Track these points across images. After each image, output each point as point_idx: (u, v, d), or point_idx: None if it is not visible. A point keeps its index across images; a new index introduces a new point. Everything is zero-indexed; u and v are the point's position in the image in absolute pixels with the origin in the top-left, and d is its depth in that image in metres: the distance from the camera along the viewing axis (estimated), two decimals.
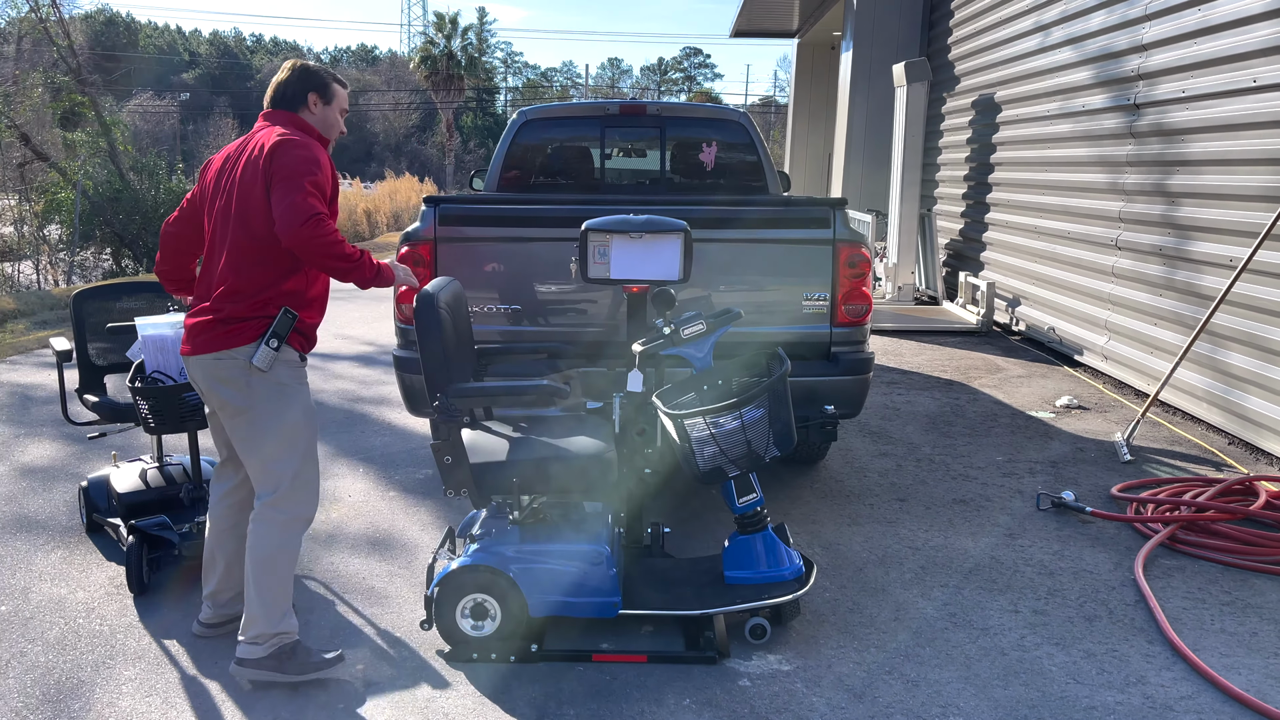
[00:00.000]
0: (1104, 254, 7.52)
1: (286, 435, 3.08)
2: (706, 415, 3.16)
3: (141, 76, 59.09)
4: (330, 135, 3.27)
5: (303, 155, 3.00)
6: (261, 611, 3.01)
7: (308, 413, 3.14)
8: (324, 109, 3.23)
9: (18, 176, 17.69)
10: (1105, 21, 7.63)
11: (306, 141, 3.07)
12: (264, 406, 3.04)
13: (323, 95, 3.22)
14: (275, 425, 3.06)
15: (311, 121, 3.22)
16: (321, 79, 3.24)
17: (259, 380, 3.02)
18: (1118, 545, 4.21)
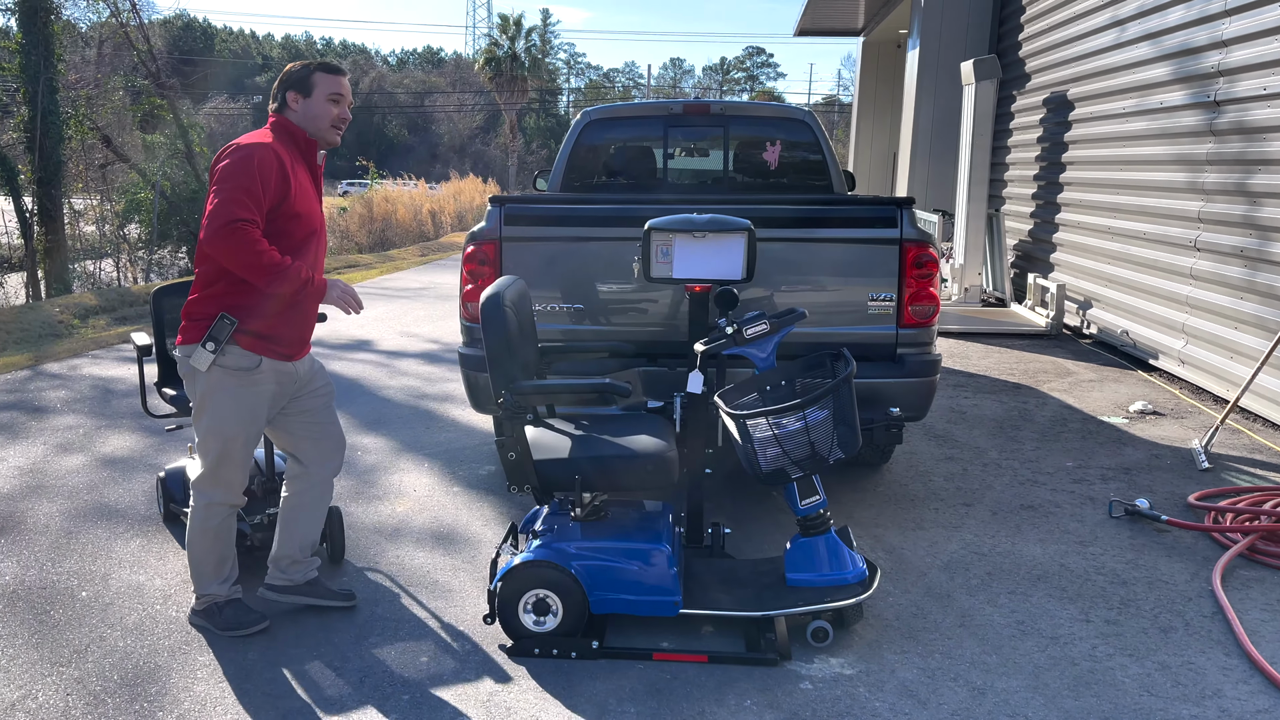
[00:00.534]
0: (1182, 255, 7.31)
1: (207, 431, 3.24)
2: (769, 416, 3.14)
3: (217, 80, 60.66)
4: (316, 127, 3.26)
5: (232, 162, 3.04)
6: (194, 575, 3.39)
7: (230, 421, 3.22)
8: (305, 103, 3.24)
9: (100, 177, 18.28)
10: (1184, 17, 7.41)
11: (245, 147, 3.08)
12: (196, 402, 3.25)
13: (301, 90, 3.24)
14: (201, 420, 3.25)
15: (295, 120, 3.25)
16: (297, 75, 3.25)
17: (198, 378, 3.20)
18: (1195, 555, 4.09)
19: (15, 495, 4.74)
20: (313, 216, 3.28)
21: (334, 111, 3.28)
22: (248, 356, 3.19)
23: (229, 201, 2.98)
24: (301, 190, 3.21)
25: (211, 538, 3.34)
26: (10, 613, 3.51)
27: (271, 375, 3.27)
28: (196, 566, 3.37)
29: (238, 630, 3.35)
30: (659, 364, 4.27)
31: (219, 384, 3.19)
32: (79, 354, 8.44)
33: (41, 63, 14.12)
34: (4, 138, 15.13)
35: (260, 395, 3.26)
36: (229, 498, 3.34)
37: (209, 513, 3.32)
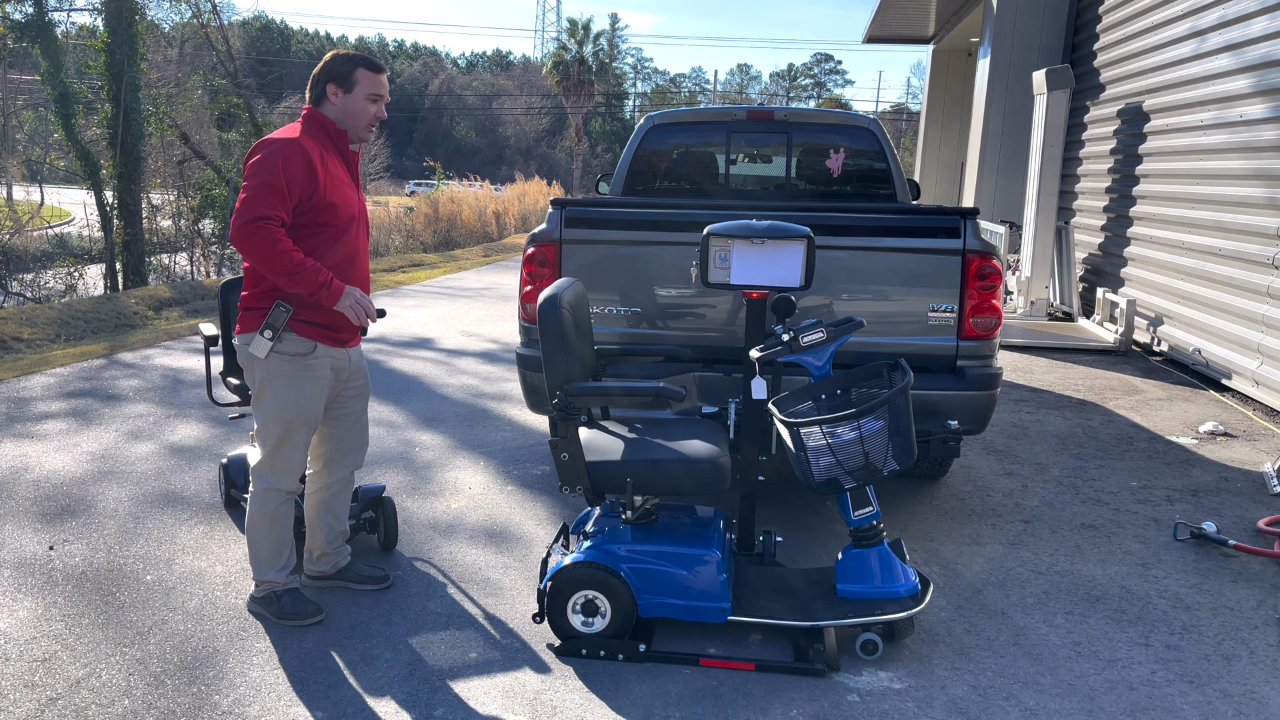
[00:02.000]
0: (1259, 273, 7.09)
1: (265, 417, 3.33)
2: (823, 425, 3.12)
3: (291, 80, 62.02)
4: (352, 124, 3.30)
5: (259, 159, 3.09)
6: (252, 563, 3.47)
7: (289, 405, 3.29)
8: (344, 99, 3.25)
9: (177, 173, 18.81)
10: (1268, 28, 7.19)
11: (272, 144, 3.13)
12: (255, 388, 3.33)
13: (342, 85, 3.25)
14: (261, 406, 3.33)
15: (330, 114, 3.28)
16: (340, 68, 3.26)
17: (256, 365, 3.28)
18: (1263, 582, 3.96)
19: (87, 479, 4.90)
20: (349, 204, 3.32)
21: (371, 110, 3.31)
22: (303, 342, 3.28)
23: (253, 199, 3.05)
24: (334, 180, 3.24)
25: (269, 523, 3.42)
26: (79, 593, 3.63)
27: (327, 361, 3.36)
28: (255, 553, 3.45)
29: (294, 620, 3.42)
30: (714, 369, 4.26)
31: (277, 370, 3.27)
32: (152, 344, 8.70)
33: (125, 61, 14.58)
34: (88, 133, 15.65)
35: (317, 380, 3.34)
36: (287, 484, 3.41)
37: (266, 498, 3.40)
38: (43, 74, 14.72)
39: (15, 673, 3.07)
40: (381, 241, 22.97)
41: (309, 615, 3.44)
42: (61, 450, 5.37)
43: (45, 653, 3.20)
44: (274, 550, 3.45)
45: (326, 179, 3.20)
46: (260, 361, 3.27)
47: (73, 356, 7.99)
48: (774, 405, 3.36)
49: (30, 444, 5.48)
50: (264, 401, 3.32)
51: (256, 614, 3.49)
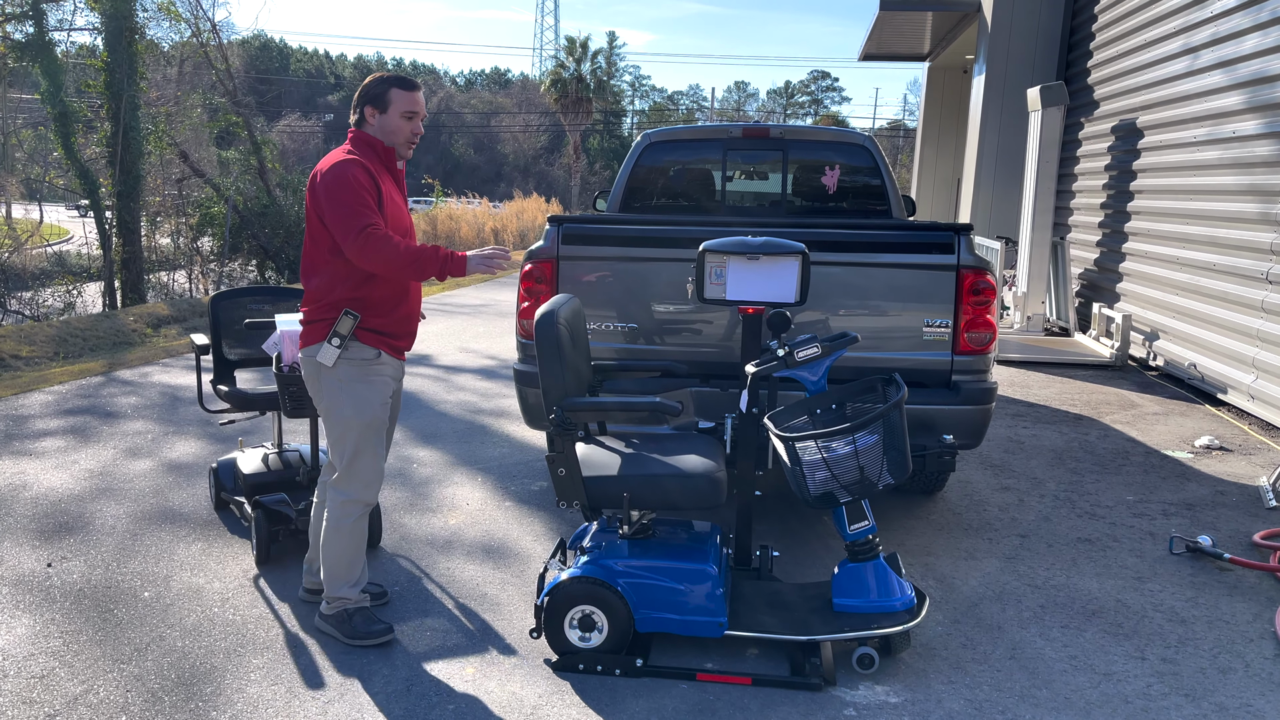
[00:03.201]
0: (1253, 288, 7.12)
1: (341, 427, 3.36)
2: (818, 439, 3.13)
3: (290, 98, 62.34)
4: (394, 141, 3.36)
5: (330, 182, 3.18)
6: (327, 579, 3.45)
7: (364, 409, 3.33)
8: (381, 119, 3.33)
9: (176, 191, 18.89)
10: (1259, 45, 7.26)
11: (335, 166, 3.21)
12: (328, 399, 3.35)
13: (376, 105, 3.33)
14: (334, 417, 3.36)
15: (372, 133, 3.35)
16: (374, 90, 3.33)
17: (324, 375, 3.33)
18: (1258, 596, 3.97)
19: (85, 497, 4.91)
20: (400, 219, 3.39)
21: (408, 127, 3.37)
22: (369, 349, 3.33)
23: (349, 214, 3.14)
24: (388, 198, 3.32)
25: (345, 536, 3.40)
26: (77, 610, 3.64)
27: (389, 368, 3.42)
28: (330, 569, 3.42)
29: (365, 640, 3.38)
30: (711, 385, 4.28)
31: (348, 377, 3.32)
32: (150, 361, 8.71)
33: (125, 80, 14.66)
34: (87, 152, 15.72)
35: (383, 387, 3.39)
36: (366, 495, 3.42)
37: (344, 510, 3.40)
38: (42, 93, 14.80)
39: (13, 689, 3.07)
40: None
41: (380, 634, 3.39)
42: (60, 467, 5.38)
43: (43, 669, 3.20)
44: (349, 565, 3.43)
45: (385, 196, 3.29)
46: (328, 371, 3.31)
47: (71, 374, 8.00)
48: (769, 420, 3.38)
49: (28, 461, 5.49)
50: (336, 411, 3.35)
51: (325, 633, 3.46)
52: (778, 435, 3.23)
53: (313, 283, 3.34)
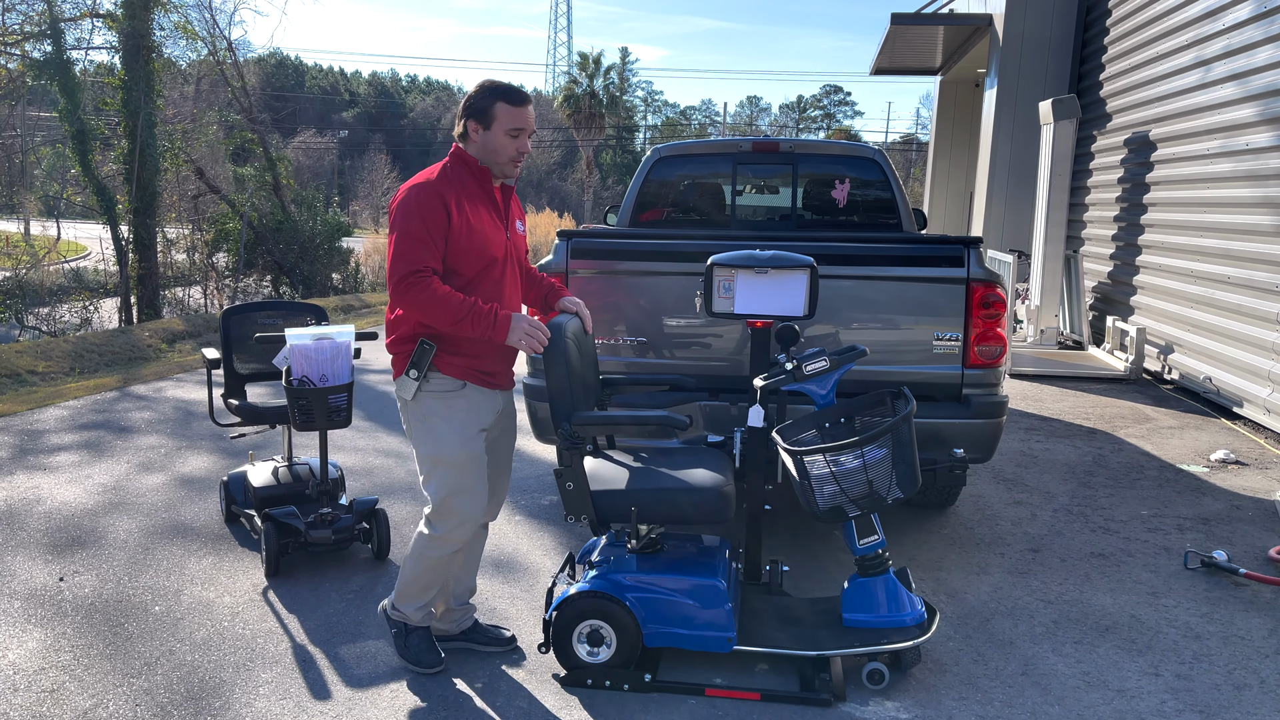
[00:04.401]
0: (1268, 300, 7.07)
1: (426, 463, 3.19)
2: (827, 453, 3.12)
3: (305, 115, 62.81)
4: (494, 160, 3.13)
5: (401, 207, 3.03)
6: (399, 587, 3.35)
7: (446, 444, 3.14)
8: (484, 135, 3.10)
9: (192, 207, 19.04)
10: (1272, 57, 7.23)
11: (411, 190, 3.04)
12: (414, 433, 3.22)
13: (480, 120, 3.09)
14: (421, 452, 3.20)
15: (472, 152, 3.13)
16: (478, 103, 3.09)
17: (408, 408, 3.19)
18: (1274, 611, 3.93)
19: (98, 511, 4.93)
20: (489, 247, 3.13)
21: (513, 146, 3.13)
22: (451, 381, 3.14)
23: (401, 255, 2.97)
24: (472, 224, 3.08)
25: (425, 568, 3.26)
26: (88, 624, 3.65)
27: (479, 399, 3.20)
28: (405, 585, 3.32)
29: (416, 667, 3.31)
30: (720, 399, 4.27)
31: (429, 410, 3.15)
32: (164, 377, 8.77)
33: (142, 98, 14.80)
34: (104, 169, 15.87)
35: (472, 418, 3.17)
36: (458, 534, 3.21)
37: (430, 544, 3.23)
38: (60, 111, 14.96)
39: (24, 703, 3.08)
40: None
41: (432, 664, 3.31)
42: (73, 482, 5.41)
43: (54, 683, 3.21)
44: (420, 589, 3.31)
45: (462, 223, 3.05)
46: (410, 404, 3.16)
47: (86, 389, 8.06)
48: (777, 434, 3.37)
49: (42, 476, 5.52)
50: (419, 447, 3.20)
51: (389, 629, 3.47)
52: (785, 449, 3.22)
53: (392, 315, 3.17)
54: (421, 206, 3.00)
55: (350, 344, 4.03)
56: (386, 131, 69.08)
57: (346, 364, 4.01)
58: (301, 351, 3.90)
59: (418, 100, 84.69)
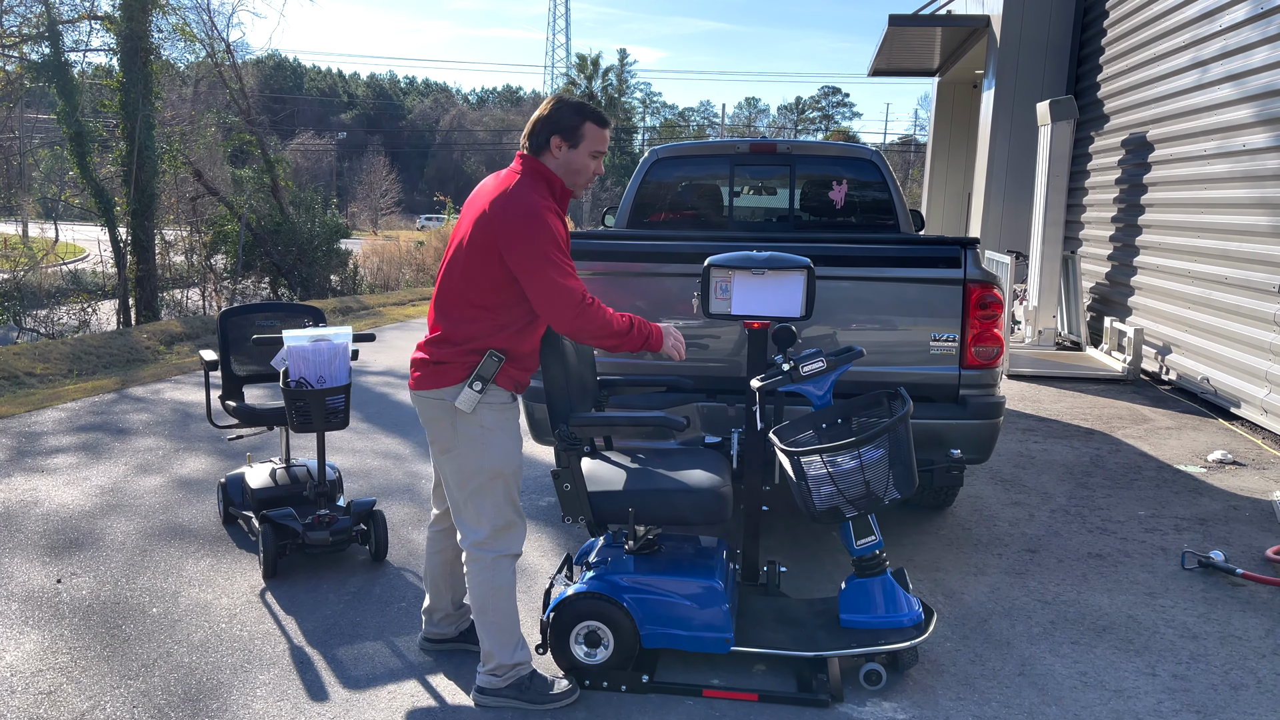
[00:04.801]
0: (1265, 301, 7.08)
1: (483, 477, 3.06)
2: (824, 453, 3.12)
3: (304, 117, 62.82)
4: (574, 181, 3.08)
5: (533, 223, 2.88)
6: (494, 647, 3.11)
7: (510, 456, 3.09)
8: (568, 153, 3.03)
9: (190, 209, 19.03)
10: (1269, 58, 7.24)
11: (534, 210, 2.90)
12: (468, 446, 3.04)
13: (568, 139, 3.01)
14: (473, 467, 3.05)
15: (553, 167, 3.04)
16: (567, 120, 3.02)
17: (462, 423, 3.02)
18: (1271, 611, 3.93)
19: (96, 513, 4.93)
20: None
21: (592, 166, 3.10)
22: (504, 392, 3.08)
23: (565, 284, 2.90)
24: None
25: (503, 597, 3.11)
26: (85, 626, 3.65)
27: (517, 409, 3.19)
28: (498, 634, 3.11)
29: (553, 704, 3.10)
30: (717, 400, 4.28)
31: (489, 423, 3.04)
32: (162, 379, 8.76)
33: (140, 100, 14.80)
34: (103, 171, 15.87)
35: (518, 429, 3.16)
36: (515, 546, 3.14)
37: (498, 567, 3.11)
38: (59, 113, 14.96)
39: (21, 705, 3.08)
40: (392, 275, 23.15)
41: (571, 692, 3.14)
42: (71, 484, 5.41)
43: (51, 685, 3.21)
44: (511, 625, 3.13)
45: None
46: (466, 418, 3.01)
47: (84, 391, 8.05)
48: (774, 435, 3.38)
49: (40, 478, 5.52)
50: (478, 461, 3.04)
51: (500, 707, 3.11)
52: (783, 450, 3.22)
53: (455, 323, 3.01)
54: (552, 228, 2.92)
55: (348, 346, 4.04)
56: (385, 133, 69.10)
57: (344, 365, 4.01)
58: (299, 353, 3.91)
59: (416, 102, 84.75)
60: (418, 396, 3.10)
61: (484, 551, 3.10)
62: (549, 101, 3.11)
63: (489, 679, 3.12)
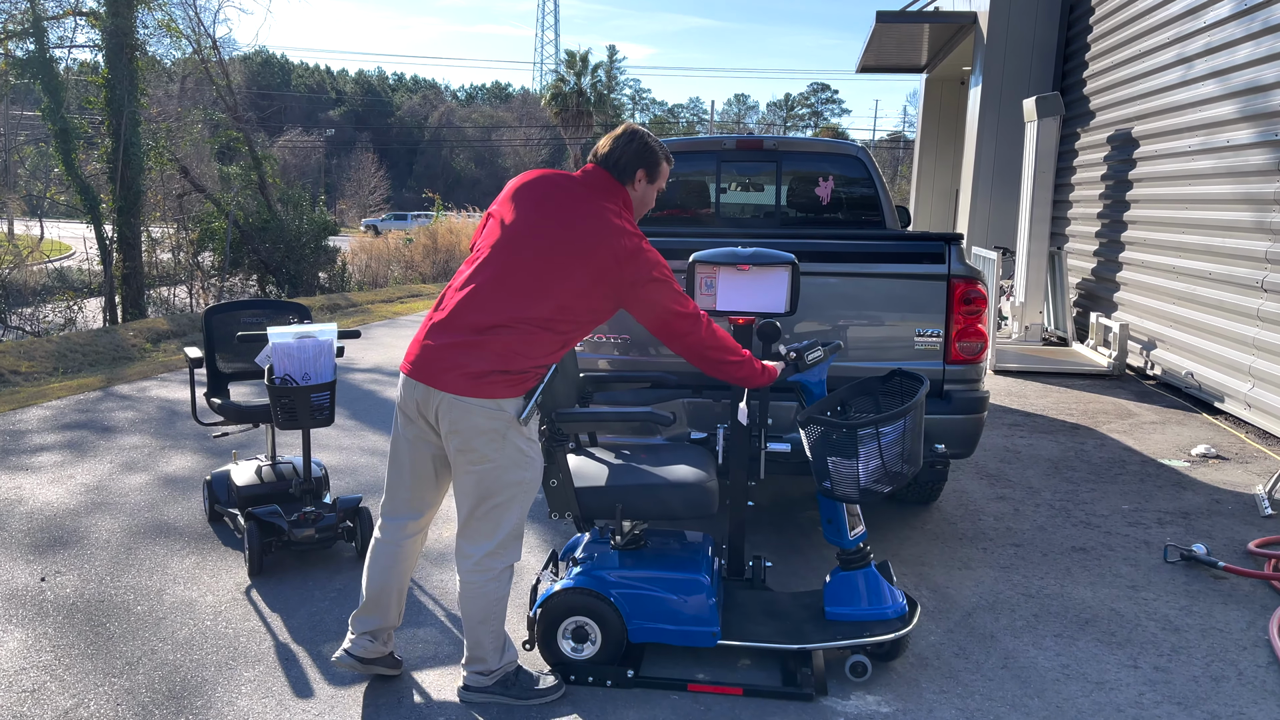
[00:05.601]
0: (1249, 296, 7.13)
1: (522, 491, 2.99)
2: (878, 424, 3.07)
3: (292, 113, 62.56)
4: (640, 212, 3.18)
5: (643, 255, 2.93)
6: (492, 651, 3.09)
7: (540, 469, 3.06)
8: (645, 188, 3.15)
9: (177, 206, 18.94)
10: (1252, 54, 7.28)
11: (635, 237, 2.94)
12: (511, 460, 2.93)
13: (650, 175, 3.13)
14: (513, 479, 2.96)
15: (632, 198, 3.13)
16: (655, 158, 3.13)
17: (514, 433, 2.92)
18: (1252, 604, 3.96)
19: (80, 511, 4.91)
20: None
21: (653, 203, 3.25)
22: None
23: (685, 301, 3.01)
24: None
25: (503, 605, 3.08)
26: (69, 624, 3.64)
27: None
28: (493, 641, 3.08)
29: (540, 699, 3.10)
30: (703, 395, 4.29)
31: (531, 435, 2.99)
32: (149, 376, 8.73)
33: (126, 97, 14.72)
34: (88, 168, 15.78)
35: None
36: (520, 553, 3.09)
37: (503, 578, 3.05)
38: (44, 110, 14.87)
39: (4, 703, 3.07)
40: (380, 272, 23.09)
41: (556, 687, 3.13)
42: (55, 482, 5.39)
43: (34, 683, 3.20)
44: (497, 634, 3.10)
45: None
46: (517, 429, 2.92)
47: (69, 389, 8.02)
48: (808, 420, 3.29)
49: (25, 476, 5.49)
50: (522, 471, 2.96)
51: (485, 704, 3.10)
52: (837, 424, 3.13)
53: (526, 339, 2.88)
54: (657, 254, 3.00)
55: (333, 342, 4.03)
56: (373, 130, 68.87)
57: (329, 362, 4.00)
58: (284, 350, 3.90)
59: (405, 99, 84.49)
60: (469, 404, 2.85)
61: (494, 562, 3.02)
62: (630, 133, 3.13)
63: (476, 677, 3.11)
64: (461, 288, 2.97)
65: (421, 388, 2.92)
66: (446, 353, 2.89)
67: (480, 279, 2.94)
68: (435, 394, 2.89)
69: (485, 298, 2.91)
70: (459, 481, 3.00)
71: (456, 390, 2.85)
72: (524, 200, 3.04)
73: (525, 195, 3.06)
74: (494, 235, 3.02)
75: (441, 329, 2.94)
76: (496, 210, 3.11)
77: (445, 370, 2.87)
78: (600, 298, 2.94)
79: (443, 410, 2.90)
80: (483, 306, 2.90)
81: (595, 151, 3.14)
